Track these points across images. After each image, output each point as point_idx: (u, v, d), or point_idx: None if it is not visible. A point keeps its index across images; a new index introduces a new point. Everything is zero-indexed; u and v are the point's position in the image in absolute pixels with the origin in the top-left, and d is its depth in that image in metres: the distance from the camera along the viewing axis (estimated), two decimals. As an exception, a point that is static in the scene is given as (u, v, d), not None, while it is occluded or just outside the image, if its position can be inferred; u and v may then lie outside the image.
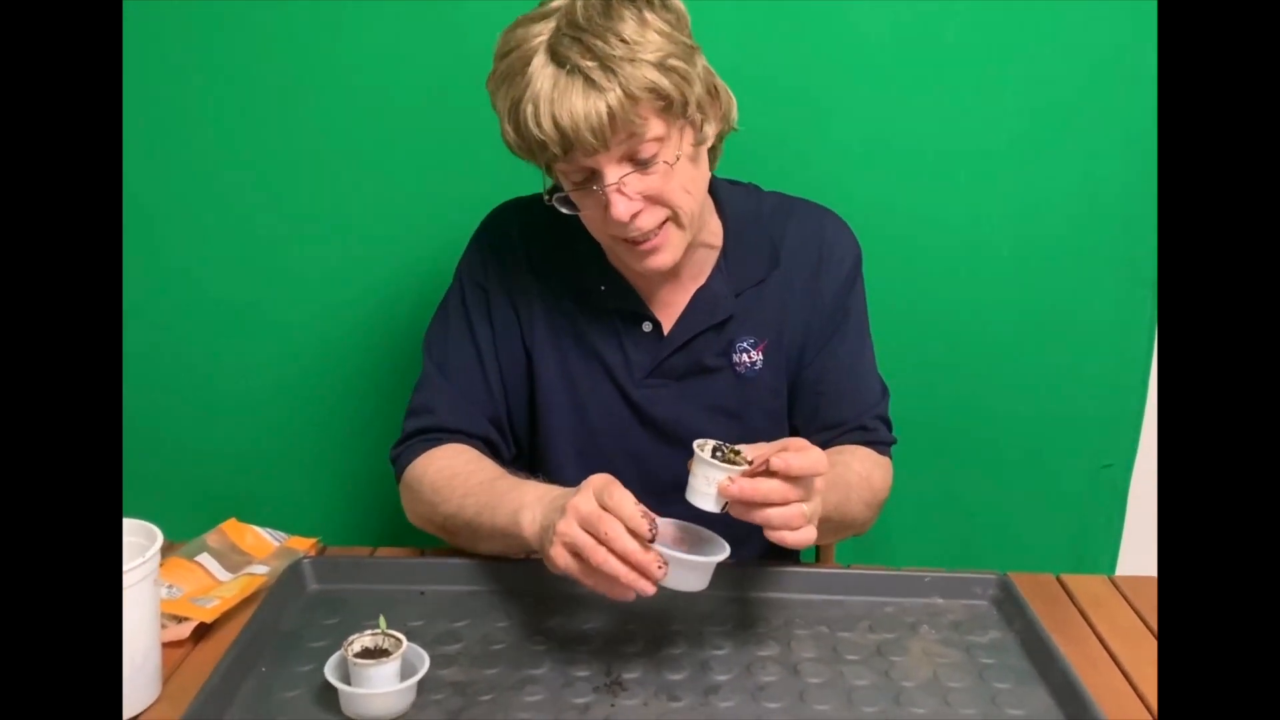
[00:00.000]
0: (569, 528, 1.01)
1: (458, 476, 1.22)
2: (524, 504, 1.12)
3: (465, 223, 1.34)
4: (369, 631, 1.02)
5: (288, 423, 1.69)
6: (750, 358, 1.30)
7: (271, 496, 1.63)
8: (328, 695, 1.00)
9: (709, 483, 1.01)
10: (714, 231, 1.29)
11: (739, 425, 1.30)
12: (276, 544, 1.28)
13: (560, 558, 1.02)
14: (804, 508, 1.01)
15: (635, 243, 1.17)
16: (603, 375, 1.30)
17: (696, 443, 1.03)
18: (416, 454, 1.27)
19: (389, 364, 1.65)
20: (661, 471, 1.31)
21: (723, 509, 1.02)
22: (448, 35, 1.54)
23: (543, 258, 1.31)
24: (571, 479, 1.20)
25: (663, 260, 1.19)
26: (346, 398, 1.68)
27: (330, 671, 0.99)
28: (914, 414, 1.54)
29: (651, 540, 0.98)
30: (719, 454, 1.02)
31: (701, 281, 1.29)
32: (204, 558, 1.23)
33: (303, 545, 1.28)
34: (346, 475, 1.70)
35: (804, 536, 1.02)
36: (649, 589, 0.99)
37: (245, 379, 1.67)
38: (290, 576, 1.19)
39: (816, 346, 1.31)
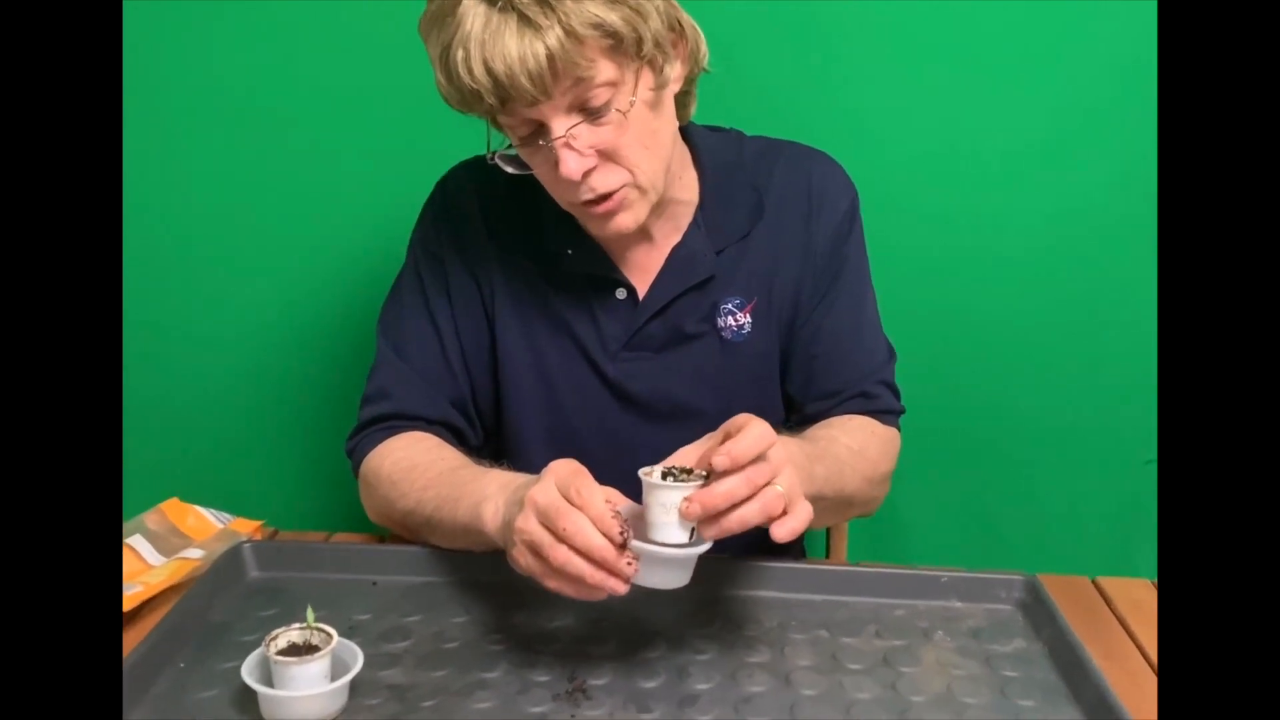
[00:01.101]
0: (527, 523, 0.88)
1: (416, 468, 1.10)
2: (485, 495, 0.99)
3: (422, 199, 1.22)
4: (295, 626, 0.89)
5: (252, 402, 1.58)
6: (736, 320, 1.16)
7: (233, 480, 1.52)
8: (249, 696, 0.87)
9: (668, 510, 0.87)
10: (689, 185, 1.16)
11: (726, 397, 1.16)
12: (220, 526, 1.16)
13: (521, 557, 0.90)
14: (776, 488, 0.87)
15: (591, 204, 1.04)
16: (573, 349, 1.17)
17: (642, 472, 0.89)
18: (373, 445, 1.15)
19: (356, 342, 1.52)
20: (642, 454, 1.16)
21: (694, 536, 0.88)
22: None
23: (502, 221, 1.17)
24: (539, 465, 1.08)
25: (624, 223, 1.05)
26: (311, 377, 1.57)
27: (248, 671, 0.87)
28: (934, 398, 1.39)
29: (623, 545, 0.85)
30: (669, 478, 0.89)
31: (677, 239, 1.15)
32: (136, 540, 1.11)
33: (247, 528, 1.15)
34: (310, 458, 1.58)
35: (799, 518, 0.89)
36: (619, 588, 0.86)
37: (207, 358, 1.57)
38: (227, 562, 1.07)
39: (811, 303, 1.18)
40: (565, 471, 0.89)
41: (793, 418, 1.21)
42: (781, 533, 0.87)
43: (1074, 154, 1.51)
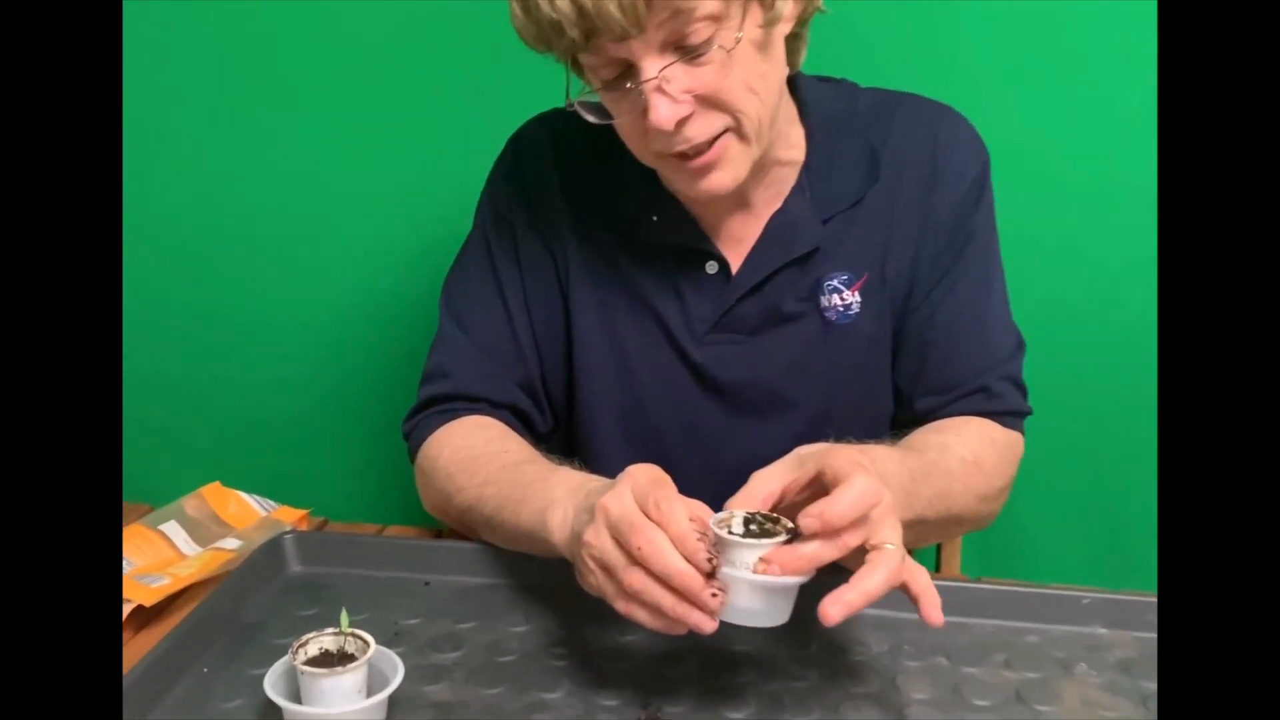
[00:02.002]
0: (598, 537, 0.75)
1: (476, 460, 0.97)
2: (553, 499, 0.86)
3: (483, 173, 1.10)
4: (328, 631, 0.77)
5: (306, 381, 1.47)
6: (843, 299, 1.01)
7: (283, 465, 1.42)
8: (277, 708, 0.76)
9: (743, 569, 0.73)
10: (794, 143, 1.01)
11: (827, 388, 1.02)
12: (263, 514, 1.05)
13: (590, 575, 0.77)
14: (888, 547, 0.74)
15: (684, 158, 0.90)
16: (655, 330, 1.03)
17: (714, 520, 0.74)
18: (431, 429, 1.03)
19: (420, 317, 1.40)
20: (727, 451, 1.04)
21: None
22: None
23: (580, 183, 1.04)
24: (614, 463, 0.95)
25: (720, 181, 0.91)
26: (370, 355, 1.45)
27: (273, 683, 0.75)
28: (1057, 393, 1.22)
29: (713, 573, 0.72)
30: (752, 527, 0.74)
31: (777, 206, 1.00)
32: (170, 527, 1.01)
33: (291, 517, 1.05)
34: (367, 442, 1.47)
35: (925, 574, 0.76)
36: (705, 624, 0.72)
37: (261, 337, 1.47)
38: (265, 555, 0.96)
39: (929, 282, 1.02)
40: (644, 479, 0.76)
41: (900, 414, 1.06)
42: (936, 615, 0.74)
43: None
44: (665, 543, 0.72)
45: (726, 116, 0.89)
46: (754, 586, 0.72)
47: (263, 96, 1.41)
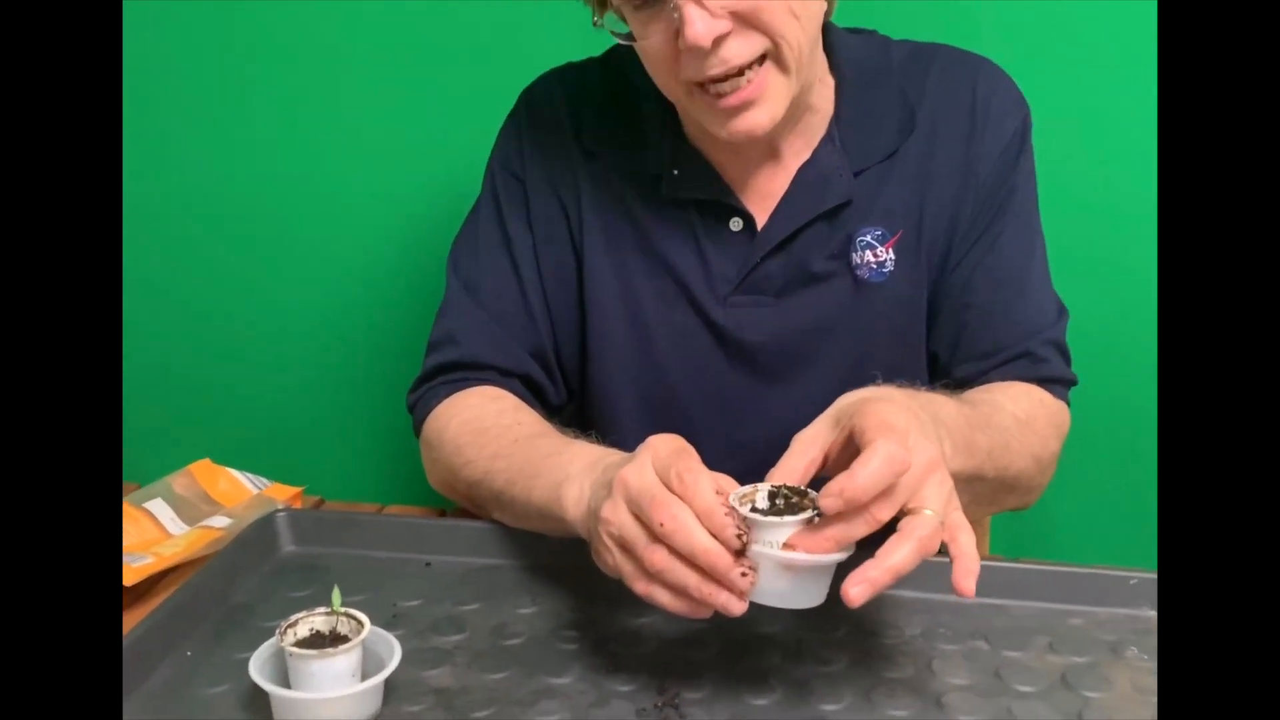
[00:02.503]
0: (616, 512, 0.69)
1: (486, 432, 0.92)
2: (568, 474, 0.80)
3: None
4: (320, 611, 0.72)
5: (305, 354, 1.41)
6: (876, 256, 0.95)
7: (279, 442, 1.36)
8: (265, 694, 0.70)
9: (768, 548, 0.67)
10: (824, 93, 0.95)
11: (859, 352, 0.96)
12: (255, 491, 1.00)
13: (608, 553, 0.71)
14: (926, 513, 0.67)
15: (720, 93, 0.84)
16: (674, 291, 0.97)
17: (734, 496, 0.68)
18: (438, 400, 0.97)
19: (425, 284, 1.34)
20: (753, 422, 0.98)
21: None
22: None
23: (596, 137, 0.99)
24: (629, 433, 0.90)
25: (758, 120, 0.85)
26: (372, 325, 1.39)
27: (259, 666, 0.69)
28: (1092, 367, 1.16)
29: (743, 550, 0.66)
30: (777, 502, 0.68)
31: (807, 156, 0.95)
32: (156, 505, 0.96)
33: (284, 495, 0.99)
34: (369, 418, 1.41)
35: (970, 539, 0.69)
36: (734, 605, 0.67)
37: (257, 306, 1.40)
38: (256, 533, 0.90)
39: (968, 241, 0.96)
40: (666, 450, 0.70)
41: (937, 384, 1.00)
42: (967, 583, 0.67)
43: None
44: (690, 518, 0.66)
45: (765, 40, 0.83)
46: (782, 566, 0.66)
47: (254, 61, 1.35)
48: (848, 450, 0.70)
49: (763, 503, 0.68)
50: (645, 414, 1.00)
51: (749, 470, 0.71)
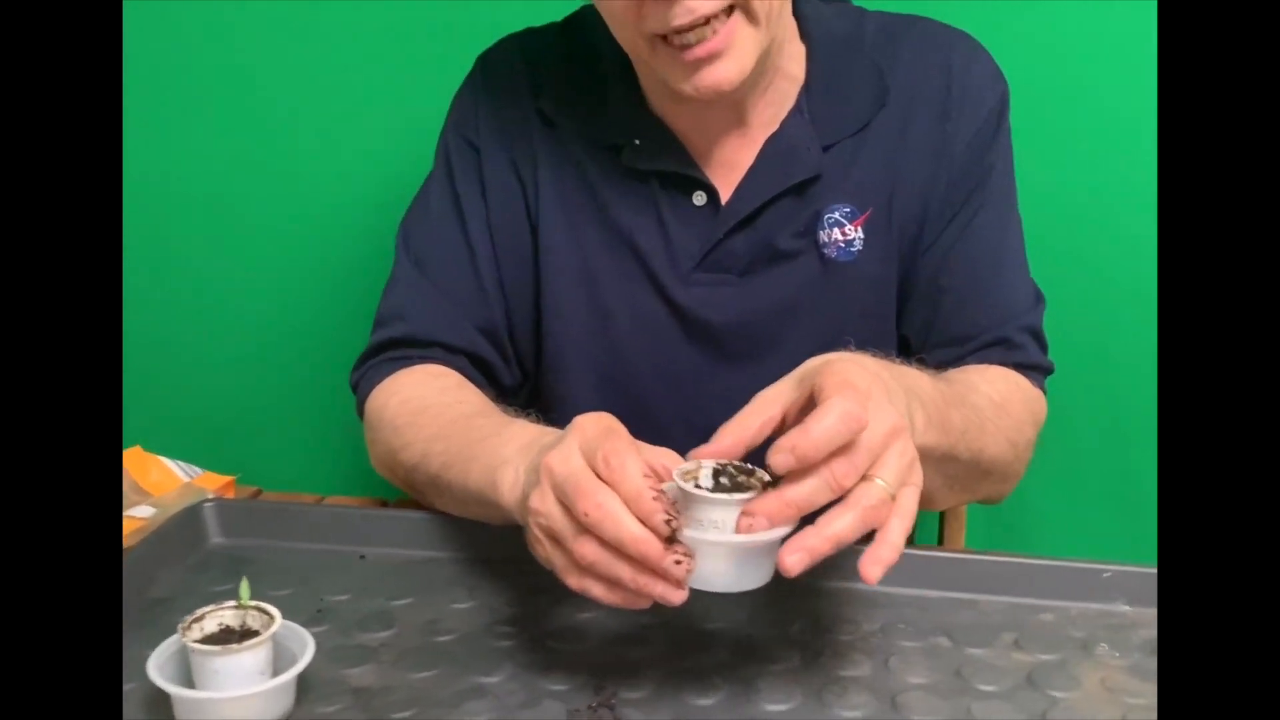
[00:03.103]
0: (543, 501, 0.65)
1: (426, 411, 0.87)
2: (504, 458, 0.75)
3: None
4: (228, 605, 0.67)
5: (244, 334, 1.35)
6: (844, 234, 0.91)
7: (222, 434, 1.30)
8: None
9: (720, 529, 0.62)
10: (794, 58, 0.91)
11: (826, 334, 0.90)
12: (185, 480, 0.95)
13: (539, 545, 0.67)
14: (877, 482, 0.62)
15: (685, 44, 0.79)
16: (634, 267, 0.93)
17: (677, 473, 0.63)
18: (380, 378, 0.93)
19: (371, 262, 1.29)
20: (716, 405, 0.91)
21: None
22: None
23: (557, 104, 0.94)
24: None
25: (726, 73, 0.80)
26: (316, 306, 1.33)
27: (158, 664, 0.64)
28: (1069, 357, 1.11)
29: (673, 536, 0.61)
30: (722, 480, 0.63)
31: (775, 127, 0.90)
32: (79, 495, 0.90)
33: (215, 484, 0.94)
34: (313, 406, 1.35)
35: (902, 525, 0.63)
36: (672, 595, 0.62)
37: (193, 285, 1.35)
38: (180, 525, 0.85)
39: (942, 221, 0.92)
40: (592, 430, 0.65)
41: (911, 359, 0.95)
42: (874, 557, 0.62)
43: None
44: (617, 505, 0.61)
45: None
46: (725, 548, 0.62)
47: (214, 48, 1.30)
48: (807, 412, 0.64)
49: (707, 481, 0.63)
50: (601, 395, 0.95)
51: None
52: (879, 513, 0.62)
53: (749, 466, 0.65)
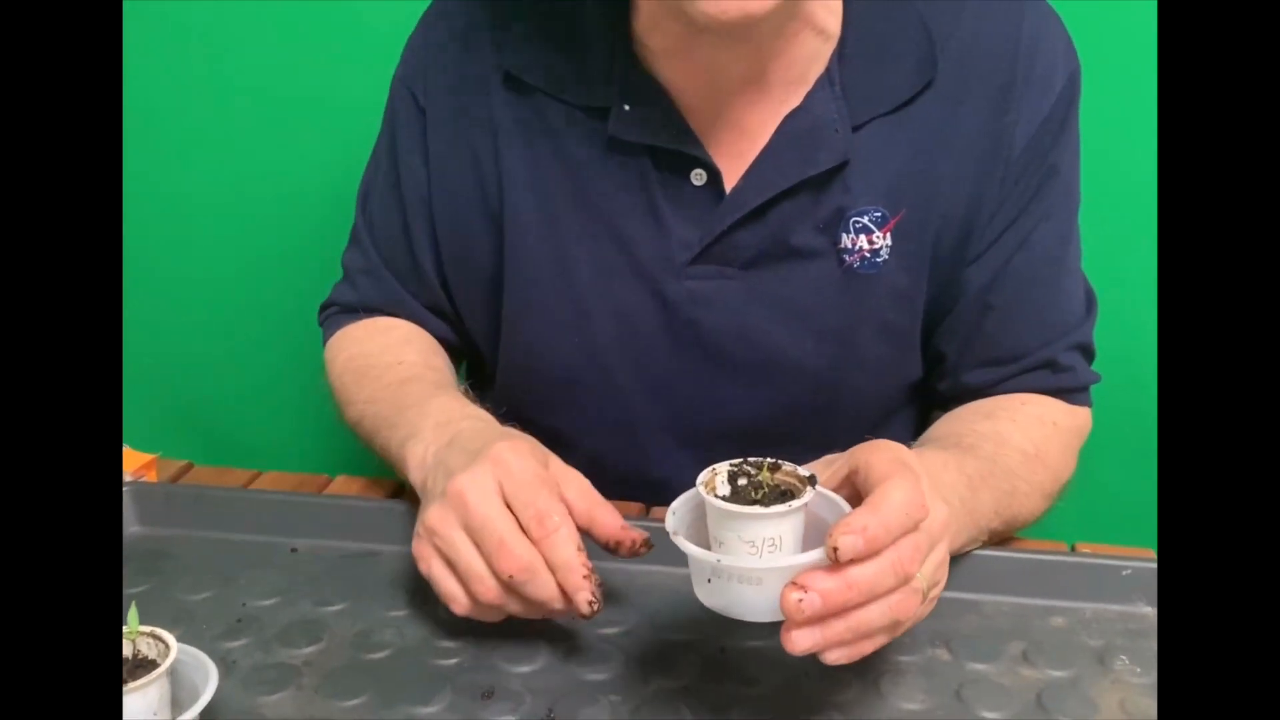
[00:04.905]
0: (445, 528, 0.62)
1: (369, 370, 0.82)
2: (418, 431, 0.70)
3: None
4: (117, 631, 0.58)
5: (181, 302, 1.25)
6: (871, 242, 0.77)
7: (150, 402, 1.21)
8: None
9: (755, 547, 0.55)
10: (830, 7, 0.75)
11: (839, 350, 0.80)
12: (103, 460, 0.85)
13: (425, 561, 0.63)
14: (917, 580, 0.56)
15: None
16: (617, 257, 0.79)
17: (701, 481, 0.56)
18: (335, 328, 0.91)
19: (326, 218, 1.17)
20: (708, 420, 0.83)
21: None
22: None
23: (529, 60, 0.79)
24: (563, 424, 0.82)
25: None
26: (277, 269, 1.22)
27: (37, 701, 0.56)
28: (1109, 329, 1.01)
29: (594, 611, 0.60)
30: (740, 483, 0.57)
31: (798, 99, 0.75)
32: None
33: (134, 464, 0.84)
34: (254, 374, 1.26)
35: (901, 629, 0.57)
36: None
37: (141, 245, 1.24)
38: (90, 514, 0.76)
39: (993, 232, 0.78)
40: (516, 470, 0.61)
41: (941, 387, 0.84)
42: (835, 655, 0.55)
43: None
44: (544, 573, 0.60)
45: None
46: (782, 573, 0.53)
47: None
48: (843, 491, 0.59)
49: (724, 486, 0.56)
50: (577, 404, 0.84)
51: (699, 463, 0.58)
52: (907, 608, 0.55)
53: (766, 461, 0.57)
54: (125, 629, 0.57)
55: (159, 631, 0.58)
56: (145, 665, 0.57)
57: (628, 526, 0.64)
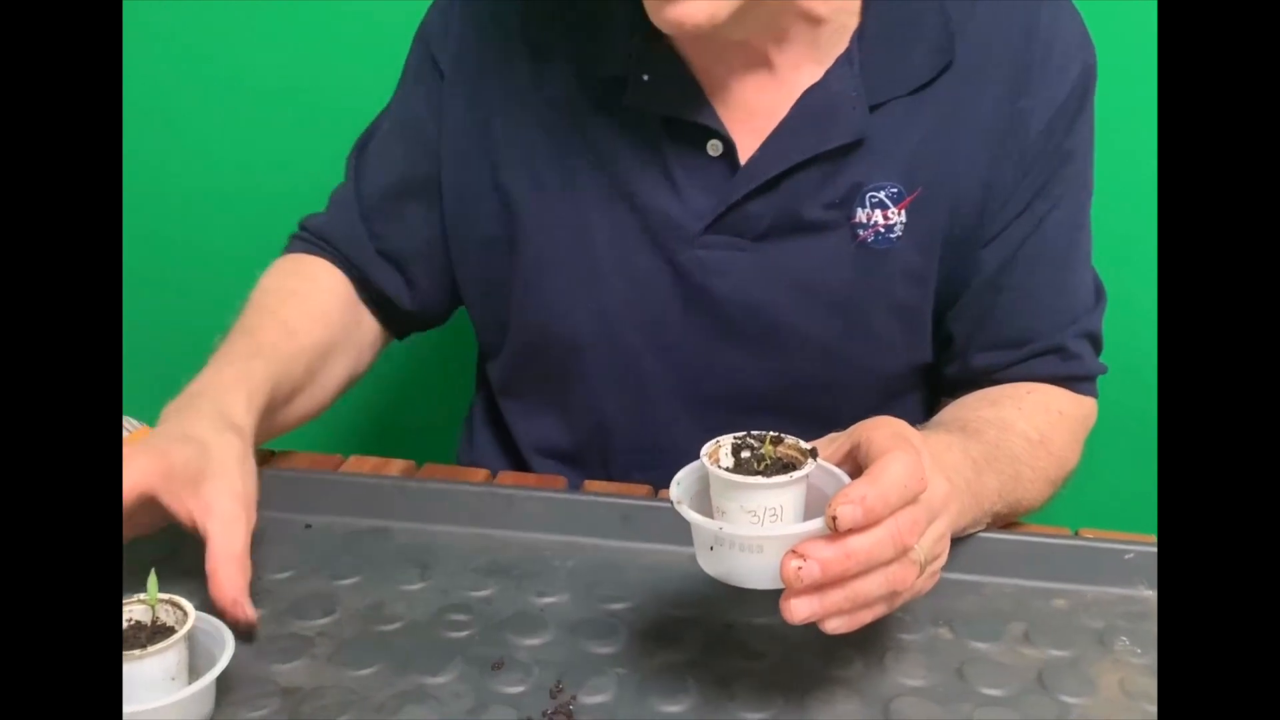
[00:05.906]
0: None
1: (252, 305, 0.87)
2: (175, 405, 0.73)
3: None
4: (136, 599, 0.59)
5: (209, 270, 1.26)
6: (885, 217, 0.78)
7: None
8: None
9: (757, 516, 0.56)
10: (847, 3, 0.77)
11: (848, 325, 0.81)
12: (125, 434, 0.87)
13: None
14: (914, 552, 0.57)
15: None
16: (632, 223, 0.81)
17: (705, 453, 0.57)
18: (289, 251, 0.93)
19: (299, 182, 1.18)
20: (715, 385, 0.84)
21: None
22: None
23: (551, 27, 0.81)
24: (573, 389, 0.84)
25: (690, 13, 0.68)
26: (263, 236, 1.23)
27: (58, 665, 0.57)
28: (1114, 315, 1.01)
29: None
30: (744, 453, 0.58)
31: (817, 77, 0.77)
32: None
33: (154, 442, 0.86)
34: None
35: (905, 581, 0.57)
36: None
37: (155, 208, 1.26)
38: (109, 489, 0.78)
39: (1007, 215, 0.79)
40: (127, 480, 0.63)
41: (949, 370, 0.86)
42: (835, 624, 0.56)
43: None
44: None
45: None
46: (783, 541, 0.54)
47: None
48: (844, 466, 0.60)
49: (727, 458, 0.57)
50: (589, 368, 0.85)
51: (710, 430, 0.59)
52: (904, 579, 0.56)
53: (768, 435, 0.58)
54: (145, 596, 0.59)
55: (178, 599, 0.59)
56: (163, 631, 0.58)
57: (240, 603, 0.63)
